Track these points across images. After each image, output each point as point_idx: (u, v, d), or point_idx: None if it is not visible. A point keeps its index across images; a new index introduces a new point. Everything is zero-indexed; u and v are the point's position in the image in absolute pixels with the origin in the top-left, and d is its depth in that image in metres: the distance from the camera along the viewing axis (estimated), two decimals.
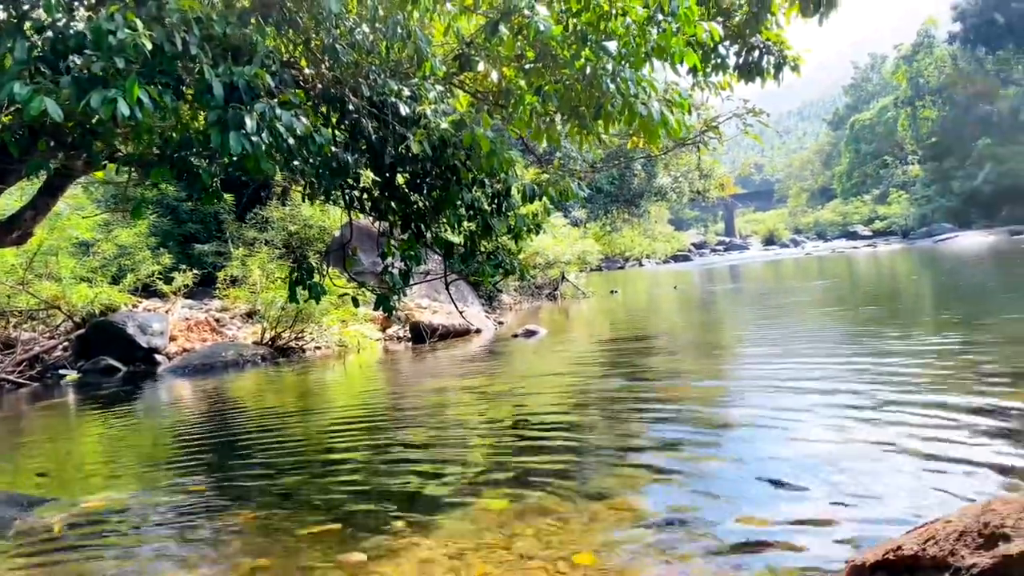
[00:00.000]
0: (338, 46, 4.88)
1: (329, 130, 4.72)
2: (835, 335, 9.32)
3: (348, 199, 5.30)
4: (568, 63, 4.64)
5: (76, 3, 4.00)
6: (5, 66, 3.29)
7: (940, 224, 47.53)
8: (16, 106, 3.29)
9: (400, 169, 5.15)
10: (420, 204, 5.25)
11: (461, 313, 9.57)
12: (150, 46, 3.31)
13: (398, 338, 12.35)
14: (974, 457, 3.69)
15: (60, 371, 10.56)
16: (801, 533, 2.97)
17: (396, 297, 5.12)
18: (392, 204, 5.33)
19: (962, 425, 4.27)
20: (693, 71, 6.94)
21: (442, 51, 5.77)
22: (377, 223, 5.85)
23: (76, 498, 4.37)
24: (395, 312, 5.32)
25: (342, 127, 5.06)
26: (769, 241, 66.75)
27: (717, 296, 19.07)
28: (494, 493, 3.89)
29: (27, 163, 4.12)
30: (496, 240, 5.76)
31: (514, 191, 5.51)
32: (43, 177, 4.93)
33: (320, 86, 4.97)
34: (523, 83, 4.98)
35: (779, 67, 6.91)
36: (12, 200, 10.06)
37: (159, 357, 11.07)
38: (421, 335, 11.85)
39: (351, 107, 4.88)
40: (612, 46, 4.60)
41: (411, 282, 5.51)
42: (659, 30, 4.66)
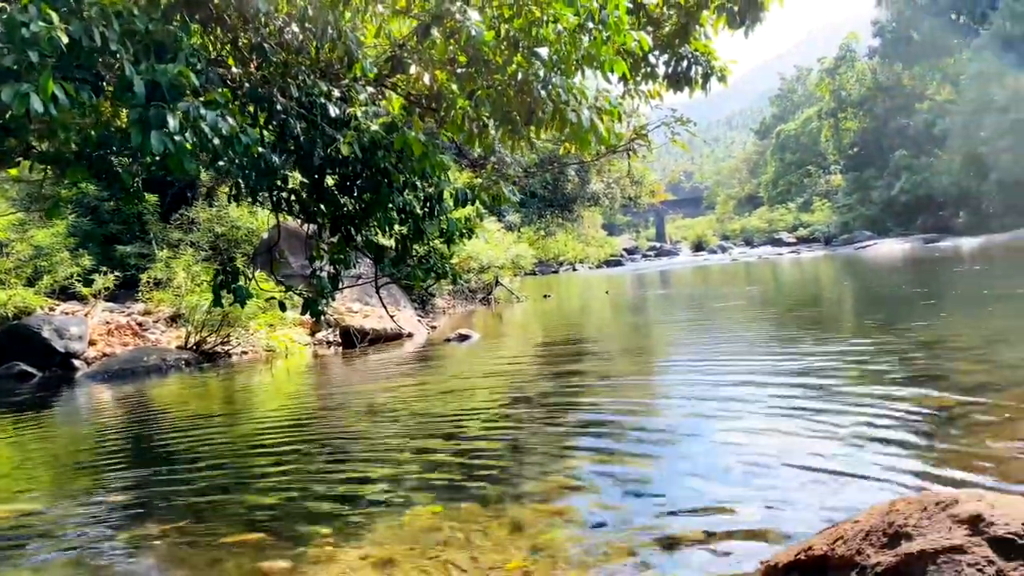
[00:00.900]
0: (266, 45, 4.80)
1: (256, 130, 4.62)
2: (760, 340, 9.57)
3: (276, 200, 5.21)
4: (500, 68, 4.66)
5: None
6: None
7: (860, 232, 49.25)
8: None
9: (329, 171, 5.08)
10: (350, 207, 5.19)
11: (392, 317, 9.49)
12: (67, 40, 3.19)
13: (328, 342, 12.16)
14: (888, 457, 3.84)
15: None
16: (724, 534, 3.04)
17: (324, 301, 5.05)
18: (321, 206, 5.26)
19: (878, 427, 4.43)
20: (624, 79, 7.05)
21: (374, 53, 5.73)
22: (306, 225, 5.77)
23: None
24: (324, 316, 5.24)
25: (270, 127, 4.97)
26: (698, 247, 68.12)
27: (648, 301, 19.37)
28: (423, 499, 3.86)
29: None
30: (428, 244, 5.74)
31: (446, 195, 5.50)
32: None
33: (248, 85, 4.87)
34: (455, 87, 4.98)
35: (707, 77, 7.06)
36: None
37: (77, 362, 10.66)
38: (351, 339, 11.70)
39: (279, 107, 4.79)
40: (544, 52, 4.64)
41: (340, 286, 5.44)
42: (590, 38, 4.72)
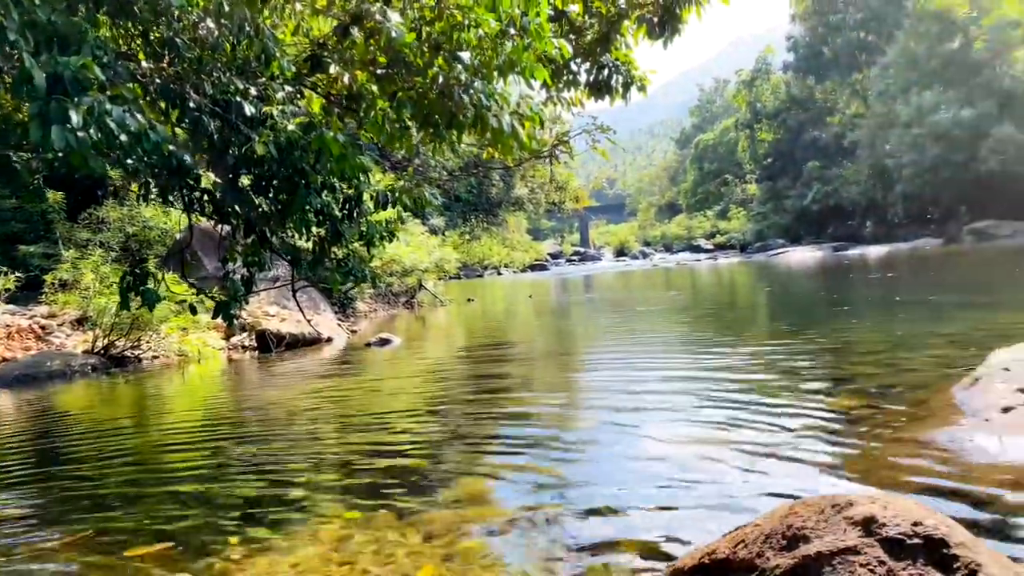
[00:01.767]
0: (179, 40, 4.65)
1: (168, 128, 4.47)
2: (678, 344, 9.78)
3: (188, 200, 5.04)
4: (421, 71, 4.63)
5: None
6: None
7: (774, 239, 50.97)
8: None
9: (244, 171, 4.96)
10: (265, 207, 5.07)
11: (309, 321, 9.31)
12: None
13: (243, 347, 11.84)
14: (795, 460, 3.96)
15: None
16: (635, 538, 3.08)
17: (237, 305, 4.91)
18: (235, 207, 5.12)
19: (787, 430, 4.57)
20: (546, 86, 7.11)
21: (293, 51, 5.62)
22: (220, 226, 5.61)
23: None
24: (238, 320, 5.10)
25: (182, 125, 4.81)
26: (620, 252, 69.26)
27: (571, 305, 19.57)
28: (338, 506, 3.80)
29: None
30: (347, 246, 5.65)
31: (366, 197, 5.43)
32: None
33: (159, 81, 4.71)
34: (375, 88, 4.93)
35: (627, 86, 7.17)
36: None
37: None
38: (268, 344, 11.43)
39: (192, 105, 4.64)
40: (466, 57, 4.64)
41: (255, 289, 5.31)
42: (512, 44, 4.74)
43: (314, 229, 5.29)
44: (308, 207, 4.97)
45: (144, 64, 4.78)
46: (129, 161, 4.31)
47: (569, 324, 14.71)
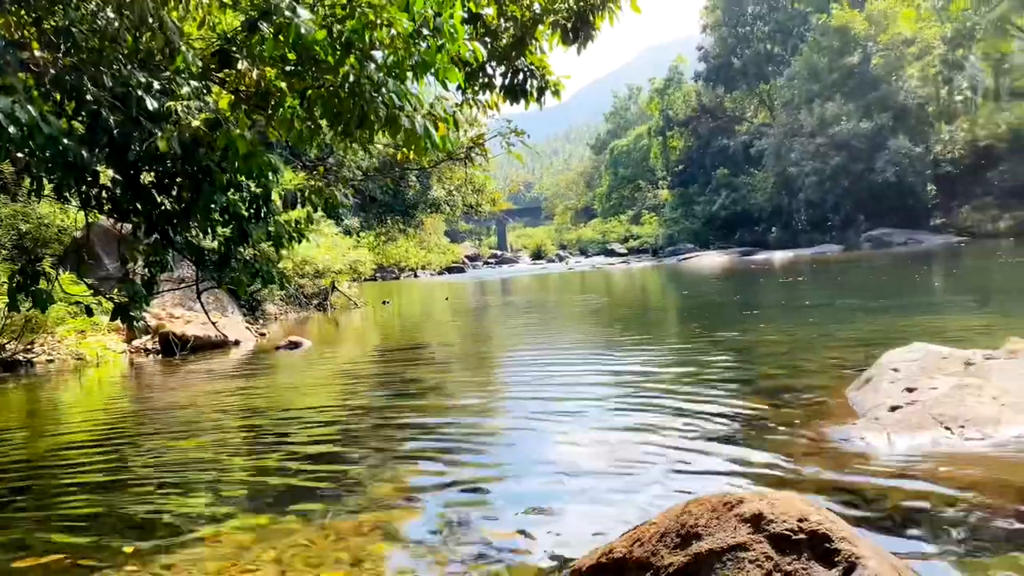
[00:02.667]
0: (76, 30, 4.45)
1: (63, 121, 4.27)
2: (592, 345, 9.93)
3: (84, 197, 4.82)
4: (332, 69, 4.56)
5: None
6: None
7: (684, 244, 52.31)
8: None
9: (146, 167, 4.78)
10: (168, 206, 4.90)
11: (215, 324, 9.04)
12: None
13: (146, 350, 11.39)
14: (704, 458, 4.08)
15: None
16: (541, 539, 3.11)
17: (138, 306, 4.72)
18: (137, 205, 4.93)
19: (695, 428, 4.69)
20: (461, 88, 7.10)
21: (200, 45, 5.45)
22: (120, 225, 5.39)
23: None
24: (140, 322, 4.90)
25: (79, 118, 4.60)
26: (537, 255, 69.86)
27: (488, 307, 19.60)
28: (243, 513, 3.70)
29: None
30: (255, 247, 5.52)
31: (275, 196, 5.32)
32: None
33: (53, 72, 4.49)
34: (285, 85, 4.82)
35: (542, 90, 7.23)
36: None
37: None
38: (172, 347, 11.03)
39: (90, 97, 4.45)
40: (380, 56, 4.59)
41: (158, 290, 5.12)
42: (426, 45, 4.72)
43: (220, 229, 5.14)
44: (213, 206, 4.83)
45: (37, 53, 4.56)
46: (20, 155, 4.11)
47: (485, 326, 14.73)
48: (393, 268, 47.48)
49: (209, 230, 4.97)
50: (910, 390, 4.49)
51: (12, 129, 3.48)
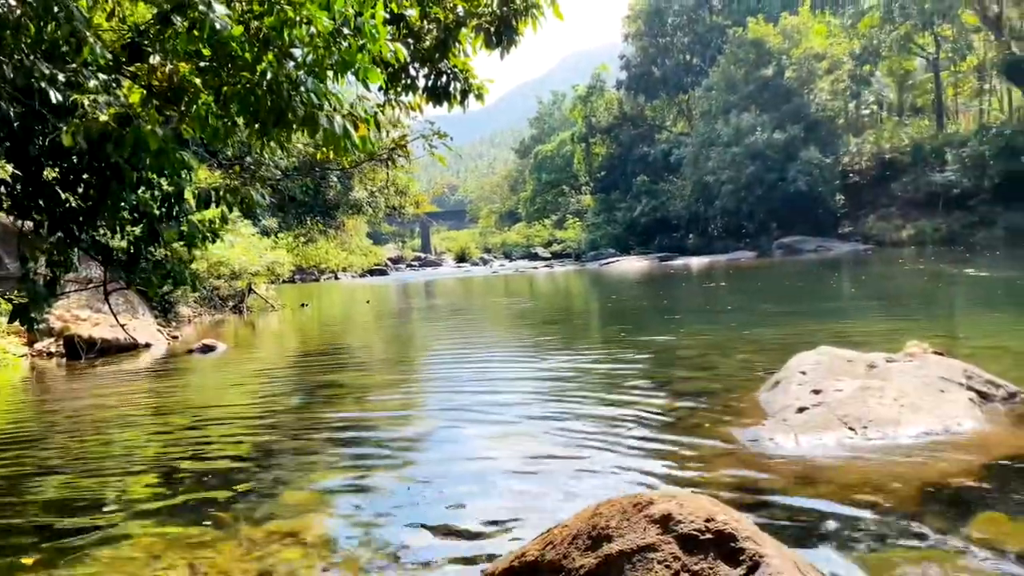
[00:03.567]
0: None
1: None
2: (514, 349, 9.96)
3: None
4: (249, 66, 4.45)
5: None
6: None
7: (606, 249, 53.01)
8: None
9: (49, 163, 4.57)
10: (74, 203, 4.70)
11: (123, 326, 8.70)
12: None
13: (49, 353, 10.88)
14: (620, 459, 4.15)
15: None
16: (456, 544, 3.11)
17: (39, 308, 4.51)
18: (39, 202, 4.71)
19: (613, 430, 4.77)
20: (384, 89, 7.04)
21: (110, 37, 5.25)
22: (21, 222, 5.13)
23: None
24: (40, 325, 4.68)
25: None
26: (461, 258, 69.70)
27: (410, 311, 19.46)
28: (151, 523, 3.57)
29: None
30: (166, 247, 5.34)
31: (188, 195, 5.15)
32: None
33: None
34: (199, 81, 4.69)
35: (465, 93, 7.23)
36: None
37: None
38: (77, 350, 10.57)
39: None
40: (299, 54, 4.50)
41: (62, 291, 4.90)
42: (347, 44, 4.65)
43: (129, 227, 4.96)
44: (122, 204, 4.66)
45: None
46: None
47: (407, 330, 14.62)
48: (313, 270, 46.59)
49: (118, 229, 4.79)
50: (816, 392, 4.67)
51: None
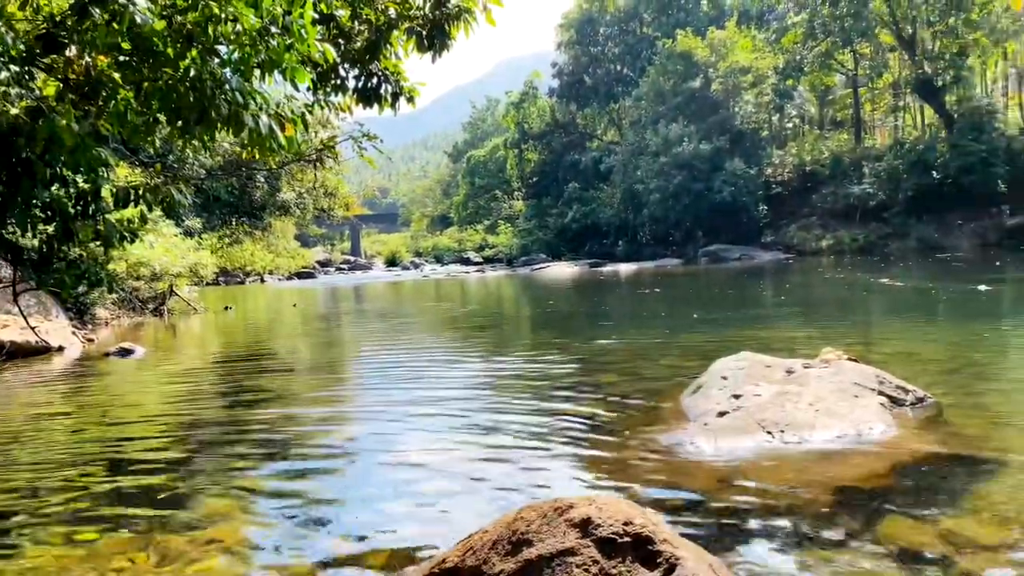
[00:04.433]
0: None
1: None
2: (444, 354, 9.92)
3: None
4: (171, 62, 4.34)
5: None
6: None
7: (538, 254, 53.36)
8: None
9: None
10: None
11: (34, 329, 8.33)
12: None
13: None
14: (546, 465, 4.17)
15: None
16: (379, 551, 3.08)
17: None
18: None
19: (539, 436, 4.80)
20: (313, 89, 6.94)
21: (24, 27, 5.04)
22: None
23: None
24: None
25: None
26: (392, 262, 69.10)
27: (338, 315, 19.19)
28: (62, 533, 3.43)
29: None
30: (81, 246, 5.14)
31: (105, 193, 4.98)
32: None
33: None
34: (118, 76, 4.54)
35: (396, 96, 7.20)
36: None
37: None
38: None
39: None
40: (223, 51, 4.41)
41: None
42: (275, 43, 4.58)
43: (41, 226, 4.77)
44: (34, 201, 4.47)
45: None
46: None
47: (335, 334, 14.42)
48: (238, 272, 45.56)
49: (29, 227, 4.59)
50: (736, 397, 4.80)
51: None
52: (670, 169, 45.45)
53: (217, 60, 4.44)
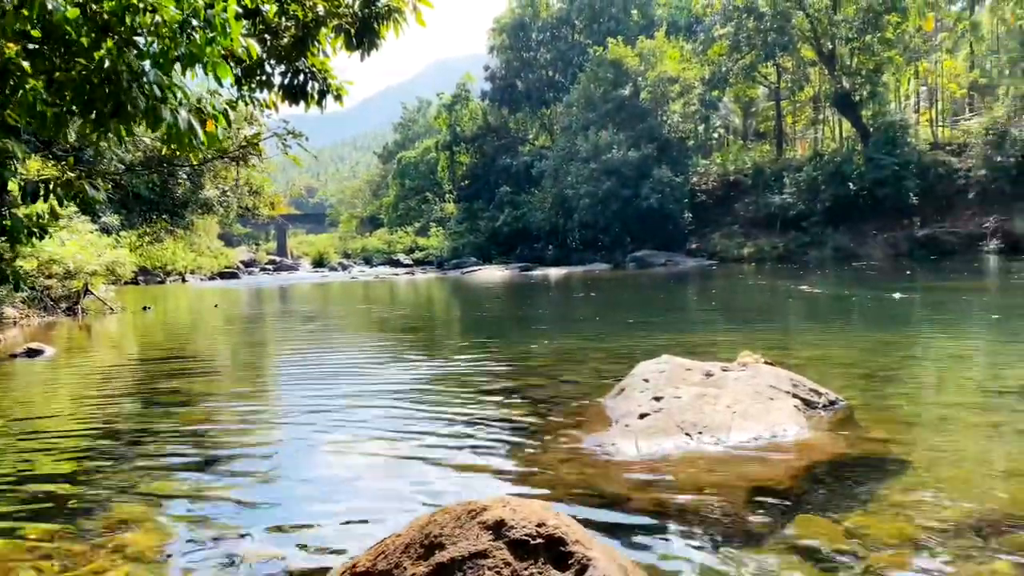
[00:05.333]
0: None
1: None
2: (370, 357, 9.82)
3: None
4: (85, 52, 4.18)
5: None
6: None
7: (468, 257, 53.33)
8: None
9: None
10: None
11: None
12: None
13: None
14: (469, 467, 4.17)
15: None
16: (294, 556, 3.03)
17: None
18: None
19: (463, 439, 4.80)
20: (237, 85, 6.78)
21: None
22: None
23: None
24: None
25: None
26: (319, 263, 68.01)
27: (262, 316, 18.79)
28: None
29: None
30: None
31: (12, 186, 4.76)
32: None
33: None
34: (27, 65, 4.35)
35: (323, 94, 7.09)
36: None
37: None
38: None
39: None
40: (141, 43, 4.27)
41: None
42: (196, 36, 4.45)
43: None
44: None
45: None
46: None
47: (258, 336, 14.11)
48: (159, 271, 44.22)
49: None
50: (657, 399, 4.88)
51: None
52: (600, 175, 46.05)
53: (135, 52, 4.30)
